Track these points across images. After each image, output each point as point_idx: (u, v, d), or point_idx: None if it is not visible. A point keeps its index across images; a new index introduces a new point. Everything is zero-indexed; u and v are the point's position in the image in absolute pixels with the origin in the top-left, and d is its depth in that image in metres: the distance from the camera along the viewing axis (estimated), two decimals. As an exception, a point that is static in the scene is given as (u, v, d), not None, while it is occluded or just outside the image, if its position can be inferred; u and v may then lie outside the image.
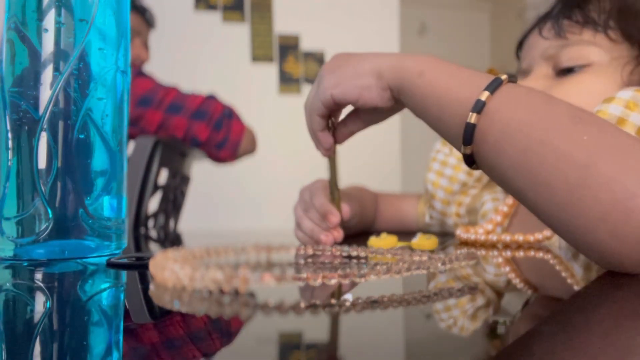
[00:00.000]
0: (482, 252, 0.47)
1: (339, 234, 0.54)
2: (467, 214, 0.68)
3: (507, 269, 0.38)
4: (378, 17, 2.64)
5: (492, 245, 0.51)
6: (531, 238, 0.50)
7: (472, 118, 0.35)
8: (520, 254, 0.45)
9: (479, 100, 0.34)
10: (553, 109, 0.33)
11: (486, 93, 0.34)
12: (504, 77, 0.35)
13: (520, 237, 0.50)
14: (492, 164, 0.35)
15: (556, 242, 0.51)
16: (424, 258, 0.33)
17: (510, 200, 0.58)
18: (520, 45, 0.64)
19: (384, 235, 0.50)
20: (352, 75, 0.45)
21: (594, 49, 0.55)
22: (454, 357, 0.17)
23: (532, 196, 0.33)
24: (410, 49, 3.33)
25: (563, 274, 0.35)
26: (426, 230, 0.72)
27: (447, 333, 0.20)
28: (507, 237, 0.51)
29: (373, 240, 0.48)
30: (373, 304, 0.23)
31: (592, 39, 0.55)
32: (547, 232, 0.50)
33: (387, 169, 2.50)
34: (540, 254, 0.44)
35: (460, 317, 0.22)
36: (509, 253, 0.45)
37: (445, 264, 0.30)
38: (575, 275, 0.34)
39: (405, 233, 0.63)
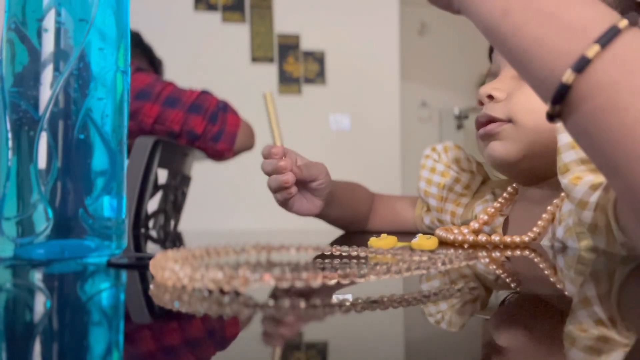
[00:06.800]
0: (470, 251, 0.47)
1: (285, 163, 0.59)
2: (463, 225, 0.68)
3: (506, 268, 0.38)
4: (378, 17, 2.64)
5: (471, 247, 0.51)
6: (508, 239, 0.50)
7: (570, 78, 0.27)
8: (517, 253, 0.45)
9: (583, 58, 0.27)
10: None
11: (595, 48, 0.27)
12: (622, 23, 0.27)
13: (496, 238, 0.50)
14: (585, 132, 0.29)
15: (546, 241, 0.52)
16: (424, 258, 0.33)
17: (497, 204, 0.58)
18: (492, 48, 0.64)
19: (384, 236, 0.50)
20: None
21: None
22: (453, 357, 0.17)
23: (632, 177, 0.27)
24: (410, 48, 3.33)
25: (552, 277, 0.35)
26: (427, 232, 0.72)
27: (447, 333, 0.20)
28: (482, 238, 0.51)
29: (373, 240, 0.48)
30: (373, 304, 0.23)
31: None
32: (531, 235, 0.50)
33: (387, 170, 2.50)
34: (526, 253, 0.44)
35: (460, 317, 0.22)
36: (509, 253, 0.45)
37: (445, 264, 0.30)
38: (559, 275, 0.34)
39: (405, 233, 0.63)
